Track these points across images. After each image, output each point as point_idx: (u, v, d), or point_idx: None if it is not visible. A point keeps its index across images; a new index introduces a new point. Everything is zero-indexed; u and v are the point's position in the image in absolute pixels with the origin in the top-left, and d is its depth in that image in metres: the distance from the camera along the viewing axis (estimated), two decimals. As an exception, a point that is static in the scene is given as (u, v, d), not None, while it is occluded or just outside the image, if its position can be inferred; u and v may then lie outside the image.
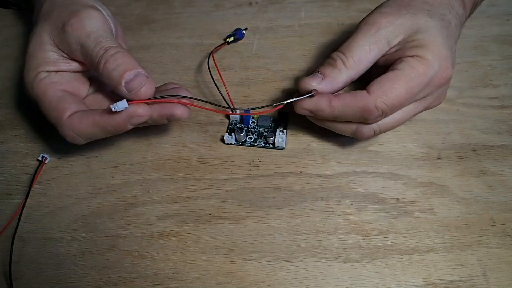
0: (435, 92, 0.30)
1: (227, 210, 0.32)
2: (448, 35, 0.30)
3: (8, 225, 0.31)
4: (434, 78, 0.29)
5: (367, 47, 0.29)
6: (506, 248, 0.30)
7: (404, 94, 0.28)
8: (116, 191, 0.33)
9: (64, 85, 0.30)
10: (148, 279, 0.29)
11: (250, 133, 0.35)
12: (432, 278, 0.29)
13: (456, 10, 0.31)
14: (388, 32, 0.29)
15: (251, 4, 0.46)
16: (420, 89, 0.28)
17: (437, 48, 0.28)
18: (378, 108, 0.28)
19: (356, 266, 0.29)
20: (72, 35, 0.29)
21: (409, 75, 0.28)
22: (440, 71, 0.29)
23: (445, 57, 0.29)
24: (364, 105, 0.28)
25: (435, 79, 0.29)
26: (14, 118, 0.38)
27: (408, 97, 0.28)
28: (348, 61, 0.29)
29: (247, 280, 0.29)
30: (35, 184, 0.33)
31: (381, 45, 0.29)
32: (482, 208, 0.31)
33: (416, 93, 0.29)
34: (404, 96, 0.28)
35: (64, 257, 0.30)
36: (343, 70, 0.29)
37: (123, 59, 0.28)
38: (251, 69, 0.40)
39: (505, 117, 0.36)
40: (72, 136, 0.29)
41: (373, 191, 0.32)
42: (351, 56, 0.29)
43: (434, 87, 0.29)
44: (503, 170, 0.33)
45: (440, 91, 0.30)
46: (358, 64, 0.29)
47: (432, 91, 0.30)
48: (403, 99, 0.28)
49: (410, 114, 0.30)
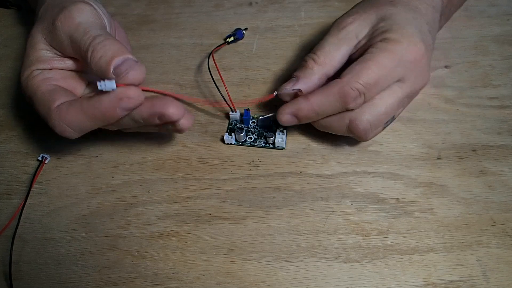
0: (413, 71, 0.30)
1: (227, 210, 0.32)
2: (415, 17, 0.30)
3: (8, 225, 0.31)
4: (404, 54, 0.29)
5: (336, 42, 0.31)
6: (506, 248, 0.30)
7: (376, 71, 0.28)
8: (116, 191, 0.33)
9: (58, 81, 0.30)
10: (148, 279, 0.29)
11: (250, 133, 0.35)
12: (432, 278, 0.29)
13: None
14: (355, 26, 0.31)
15: (251, 4, 0.46)
16: (391, 65, 0.29)
17: (402, 27, 0.29)
18: (353, 88, 0.28)
19: (356, 266, 0.29)
20: (61, 29, 0.28)
21: (377, 55, 0.29)
22: (409, 47, 0.29)
23: (411, 34, 0.29)
24: (339, 89, 0.29)
25: (405, 54, 0.29)
26: (14, 118, 0.38)
27: (381, 74, 0.29)
28: (319, 59, 0.31)
29: (247, 280, 0.29)
30: (35, 184, 0.34)
31: (350, 39, 0.31)
32: (482, 208, 0.31)
33: (389, 70, 0.29)
34: (376, 72, 0.28)
35: (64, 257, 0.30)
36: (315, 68, 0.31)
37: (110, 46, 0.26)
38: (251, 69, 0.40)
39: (505, 117, 0.36)
40: (61, 128, 0.28)
41: (373, 191, 0.32)
42: (321, 54, 0.31)
43: (408, 64, 0.29)
44: (503, 170, 0.33)
45: (418, 69, 0.30)
46: (330, 60, 0.31)
47: (408, 69, 0.29)
48: (376, 76, 0.28)
49: (398, 97, 0.30)
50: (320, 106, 0.30)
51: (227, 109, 0.36)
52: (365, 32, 0.31)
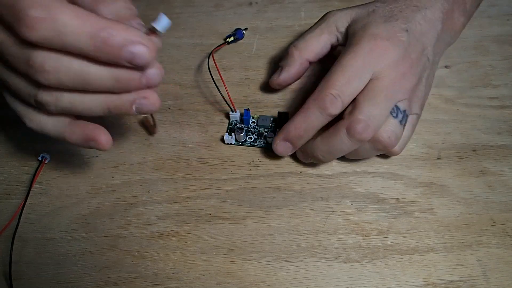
0: (384, 65, 0.29)
1: (227, 210, 0.32)
2: (388, 17, 0.31)
3: (8, 225, 0.31)
4: (366, 51, 0.30)
5: (318, 31, 0.34)
6: (506, 248, 0.30)
7: (342, 73, 0.29)
8: (116, 191, 0.33)
9: None
10: (148, 279, 0.29)
11: (250, 133, 0.35)
12: (432, 278, 0.29)
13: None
14: (335, 18, 0.34)
15: (251, 4, 0.46)
16: (357, 65, 0.29)
17: (367, 28, 0.31)
18: (326, 92, 0.29)
19: (356, 266, 0.29)
20: None
21: (342, 58, 0.30)
22: (370, 43, 0.30)
23: (372, 33, 0.30)
24: (314, 99, 0.30)
25: (368, 52, 0.30)
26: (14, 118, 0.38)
27: (350, 73, 0.29)
28: (299, 45, 0.34)
29: (247, 280, 0.29)
30: (35, 184, 0.34)
31: (331, 29, 0.34)
32: (482, 208, 0.31)
33: (357, 68, 0.29)
34: (343, 74, 0.29)
35: (64, 257, 0.30)
36: (296, 54, 0.34)
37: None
38: (251, 69, 0.40)
39: (505, 117, 0.36)
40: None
41: (373, 191, 0.32)
42: (302, 41, 0.34)
43: (375, 58, 0.29)
44: (503, 170, 0.33)
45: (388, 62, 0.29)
46: (309, 46, 0.34)
47: (377, 64, 0.29)
48: (344, 77, 0.29)
49: (379, 90, 0.29)
50: (303, 121, 0.30)
51: (227, 109, 0.36)
52: (345, 26, 0.33)
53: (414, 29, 0.31)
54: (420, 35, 0.31)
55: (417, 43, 0.31)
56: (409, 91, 0.30)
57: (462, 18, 0.35)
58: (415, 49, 0.31)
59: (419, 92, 0.31)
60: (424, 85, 0.32)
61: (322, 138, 0.31)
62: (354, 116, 0.29)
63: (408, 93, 0.30)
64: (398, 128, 0.30)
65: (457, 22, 0.34)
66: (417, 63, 0.31)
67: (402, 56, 0.30)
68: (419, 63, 0.31)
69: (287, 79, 0.36)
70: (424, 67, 0.31)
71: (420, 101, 0.32)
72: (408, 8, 0.32)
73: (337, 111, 0.29)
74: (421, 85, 0.32)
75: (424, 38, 0.31)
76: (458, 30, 0.35)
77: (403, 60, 0.30)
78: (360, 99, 0.29)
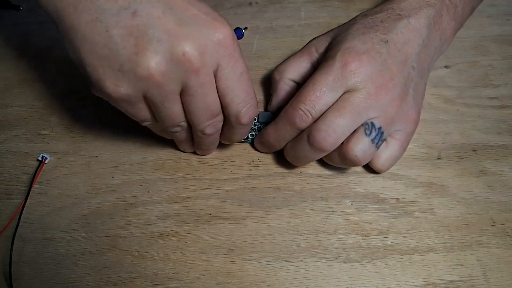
0: (357, 79, 0.29)
1: (227, 210, 0.32)
2: (364, 30, 0.31)
3: (8, 225, 0.31)
4: (340, 65, 0.29)
5: (298, 54, 0.35)
6: (506, 248, 0.30)
7: (314, 88, 0.29)
8: (116, 191, 0.33)
9: None
10: (148, 279, 0.29)
11: (252, 130, 0.35)
12: (432, 278, 0.29)
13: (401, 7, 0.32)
14: (315, 41, 0.34)
15: (251, 4, 0.46)
16: (328, 80, 0.29)
17: (341, 43, 0.30)
18: (296, 108, 0.29)
19: (356, 266, 0.29)
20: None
21: (315, 74, 0.30)
22: (344, 57, 0.29)
23: (346, 47, 0.30)
24: (285, 113, 0.30)
25: (339, 67, 0.29)
26: (14, 118, 0.38)
27: (320, 90, 0.29)
28: (280, 67, 0.35)
29: (247, 280, 0.29)
30: (35, 184, 0.33)
31: (310, 52, 0.34)
32: (482, 208, 0.31)
33: (327, 85, 0.29)
34: (314, 89, 0.29)
35: (64, 257, 0.30)
36: (277, 76, 0.35)
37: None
38: (251, 69, 0.40)
39: (505, 117, 0.36)
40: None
41: (373, 191, 0.32)
42: (283, 64, 0.35)
43: (348, 73, 0.29)
44: (503, 170, 0.33)
45: (362, 77, 0.29)
46: (290, 66, 0.34)
47: (350, 79, 0.29)
48: (315, 92, 0.29)
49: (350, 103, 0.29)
50: (275, 132, 0.32)
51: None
52: (324, 47, 0.33)
53: (396, 39, 0.30)
54: (402, 45, 0.30)
55: (398, 53, 0.30)
56: (386, 106, 0.29)
57: (453, 22, 0.34)
58: (395, 60, 0.30)
59: (405, 105, 0.30)
60: (412, 97, 0.30)
61: (290, 144, 0.31)
62: (316, 125, 0.29)
63: (384, 108, 0.29)
64: (368, 146, 0.29)
65: (448, 27, 0.33)
66: (399, 75, 0.30)
67: (379, 69, 0.29)
68: (402, 74, 0.30)
69: (276, 105, 0.35)
70: (408, 77, 0.30)
71: (408, 116, 0.30)
72: (390, 18, 0.31)
73: (305, 125, 0.30)
74: (409, 97, 0.30)
75: (407, 47, 0.30)
76: (449, 34, 0.34)
77: (381, 73, 0.29)
78: (327, 111, 0.29)
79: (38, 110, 0.38)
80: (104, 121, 0.37)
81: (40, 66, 0.41)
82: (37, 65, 0.41)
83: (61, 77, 0.40)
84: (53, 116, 0.37)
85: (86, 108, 0.38)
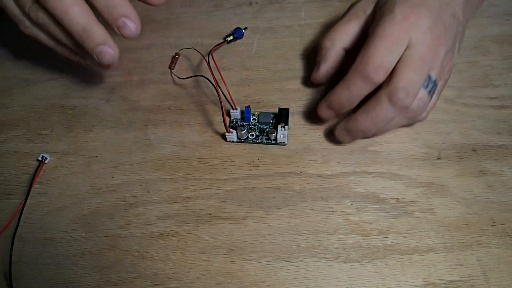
0: (421, 32, 0.30)
1: (227, 210, 0.32)
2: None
3: (8, 225, 0.32)
4: (401, 18, 0.30)
5: (345, 18, 0.35)
6: (506, 248, 0.30)
7: (380, 38, 0.30)
8: (116, 191, 0.33)
9: None
10: (148, 279, 0.29)
11: (252, 130, 0.35)
12: (432, 278, 0.29)
13: None
14: (362, 4, 0.34)
15: (251, 4, 0.46)
16: (395, 30, 0.30)
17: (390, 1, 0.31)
18: (367, 62, 0.29)
19: (356, 266, 0.29)
20: None
21: (376, 26, 0.31)
22: (403, 10, 0.30)
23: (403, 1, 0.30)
24: (355, 69, 0.30)
25: (402, 18, 0.30)
26: (14, 118, 0.38)
27: (389, 40, 0.29)
28: (330, 35, 0.35)
29: (247, 280, 0.29)
30: (35, 184, 0.34)
31: (359, 14, 0.34)
32: (482, 208, 0.31)
33: (395, 36, 0.29)
34: (381, 40, 0.30)
35: (64, 257, 0.30)
36: (329, 44, 0.35)
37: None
38: (251, 69, 0.40)
39: (505, 117, 0.36)
40: None
41: (373, 191, 0.32)
42: (333, 31, 0.35)
43: (410, 24, 0.30)
44: (503, 170, 0.33)
45: (423, 29, 0.30)
46: (341, 35, 0.35)
47: (413, 29, 0.30)
48: (385, 43, 0.29)
49: (413, 59, 0.30)
50: (346, 91, 0.31)
51: (227, 107, 0.36)
52: (372, 7, 0.34)
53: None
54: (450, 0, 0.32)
55: (447, 7, 0.31)
56: (443, 58, 0.31)
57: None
58: (446, 13, 0.31)
59: (452, 56, 0.32)
60: (457, 50, 0.33)
61: (363, 110, 0.31)
62: (395, 84, 0.29)
63: (441, 60, 0.31)
64: (426, 97, 0.31)
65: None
66: (450, 27, 0.31)
67: (435, 21, 0.30)
68: (452, 27, 0.31)
69: (325, 72, 0.36)
70: (456, 30, 0.32)
71: (450, 66, 0.33)
72: None
73: (380, 78, 0.30)
74: (455, 50, 0.32)
75: (453, 2, 0.32)
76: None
77: (437, 26, 0.30)
78: (399, 67, 0.30)
79: (38, 110, 0.38)
80: (105, 121, 0.37)
81: (40, 66, 0.41)
82: (37, 65, 0.41)
83: (61, 77, 0.40)
84: (53, 116, 0.37)
85: (86, 108, 0.38)
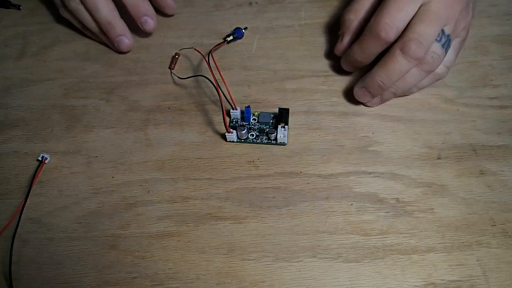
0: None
1: (227, 210, 0.32)
2: None
3: (8, 225, 0.32)
4: None
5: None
6: (506, 248, 0.30)
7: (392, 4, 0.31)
8: (116, 191, 0.33)
9: None
10: (148, 279, 0.29)
11: (252, 130, 0.35)
12: (432, 278, 0.29)
13: None
14: None
15: (251, 4, 0.46)
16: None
17: None
18: (379, 21, 0.31)
19: (356, 266, 0.29)
20: None
21: None
22: None
23: None
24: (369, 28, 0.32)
25: None
26: (14, 118, 0.38)
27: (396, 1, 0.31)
28: (352, 7, 0.36)
29: (247, 280, 0.29)
30: (35, 184, 0.34)
31: None
32: (482, 208, 0.31)
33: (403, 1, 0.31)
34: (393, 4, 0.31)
35: (64, 257, 0.30)
36: (351, 16, 0.36)
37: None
38: (251, 69, 0.40)
39: (505, 117, 0.36)
40: None
41: (373, 191, 0.32)
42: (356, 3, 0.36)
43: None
44: (503, 170, 0.33)
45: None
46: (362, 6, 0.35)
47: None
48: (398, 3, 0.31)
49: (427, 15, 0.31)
50: (361, 49, 0.34)
51: (227, 107, 0.36)
52: None
53: None
54: None
55: None
56: (458, 14, 0.32)
57: None
58: None
59: (467, 15, 0.33)
60: (471, 8, 0.34)
61: (378, 64, 0.33)
62: (407, 36, 0.31)
63: (456, 16, 0.32)
64: (440, 51, 0.32)
65: None
66: None
67: None
68: None
69: (350, 43, 0.37)
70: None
71: (466, 24, 0.33)
72: None
73: (391, 37, 0.32)
74: (469, 8, 0.33)
75: None
76: None
77: None
78: (412, 21, 0.31)
79: (38, 110, 0.38)
80: (105, 121, 0.37)
81: (40, 66, 0.41)
82: (37, 65, 0.41)
83: (61, 77, 0.40)
84: (53, 116, 0.37)
85: (86, 108, 0.38)
